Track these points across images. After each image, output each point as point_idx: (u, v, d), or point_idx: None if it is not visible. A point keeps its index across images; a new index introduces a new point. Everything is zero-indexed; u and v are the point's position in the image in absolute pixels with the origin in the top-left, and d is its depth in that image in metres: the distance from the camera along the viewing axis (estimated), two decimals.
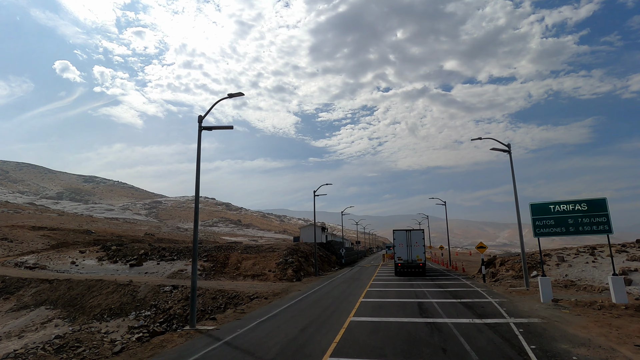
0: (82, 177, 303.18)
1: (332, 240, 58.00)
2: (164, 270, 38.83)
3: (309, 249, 47.55)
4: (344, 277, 36.56)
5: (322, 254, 50.77)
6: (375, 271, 42.81)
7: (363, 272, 42.46)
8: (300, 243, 52.37)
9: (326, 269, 45.93)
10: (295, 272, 35.82)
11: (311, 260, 42.67)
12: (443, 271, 39.80)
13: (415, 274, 34.19)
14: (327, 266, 47.90)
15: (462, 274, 35.09)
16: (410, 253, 34.52)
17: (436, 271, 40.01)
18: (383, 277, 33.66)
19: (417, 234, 35.38)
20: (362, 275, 37.86)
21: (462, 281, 28.31)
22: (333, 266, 50.44)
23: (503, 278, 25.32)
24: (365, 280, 31.16)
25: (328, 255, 52.26)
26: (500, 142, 24.60)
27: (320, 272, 41.66)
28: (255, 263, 38.21)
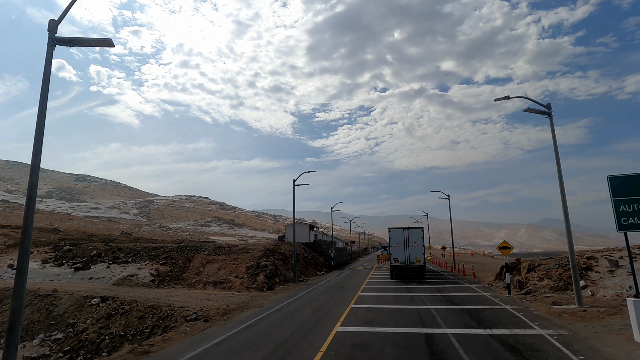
0: (74, 176, 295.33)
1: (320, 240, 51.05)
2: (112, 275, 31.73)
3: (291, 250, 40.52)
4: (328, 284, 29.59)
5: (308, 255, 43.74)
6: (368, 275, 35.86)
7: (353, 276, 35.47)
8: (283, 243, 45.32)
9: (310, 273, 38.89)
10: (268, 279, 28.77)
11: (292, 263, 35.64)
12: (448, 276, 32.87)
13: (413, 277, 30.35)
14: (313, 269, 40.88)
15: (472, 281, 28.17)
16: (408, 254, 30.23)
17: (440, 276, 33.08)
18: (376, 284, 26.75)
19: (416, 232, 30.73)
20: (350, 281, 30.90)
21: (479, 292, 21.38)
22: (320, 269, 43.42)
23: (536, 290, 18.36)
24: (351, 290, 24.17)
25: (315, 257, 45.27)
26: (536, 101, 17.63)
27: (302, 277, 34.60)
28: (222, 267, 31.12)
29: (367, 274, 37.85)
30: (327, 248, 49.99)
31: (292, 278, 31.50)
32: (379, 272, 40.29)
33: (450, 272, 38.30)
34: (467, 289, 23.27)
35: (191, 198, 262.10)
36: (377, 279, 32.12)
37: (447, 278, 31.04)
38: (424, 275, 30.52)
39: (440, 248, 47.18)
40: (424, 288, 24.10)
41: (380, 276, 34.54)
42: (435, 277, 32.68)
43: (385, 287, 25.28)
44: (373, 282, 28.83)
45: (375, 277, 34.10)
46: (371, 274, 37.59)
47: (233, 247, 38.26)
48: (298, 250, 42.64)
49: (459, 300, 18.58)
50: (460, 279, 30.15)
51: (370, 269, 46.03)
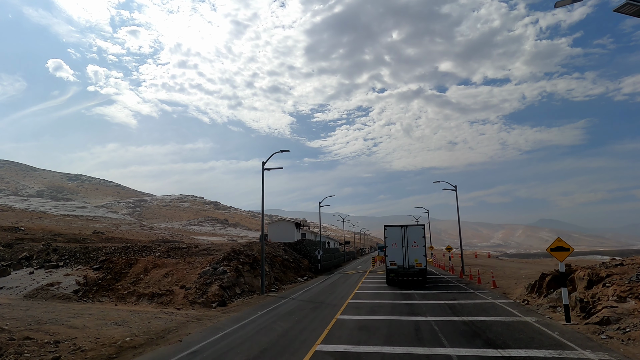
0: (67, 175, 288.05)
1: (306, 240, 43.82)
2: (29, 284, 24.49)
3: (269, 251, 33.30)
4: (305, 295, 22.43)
5: (289, 257, 36.50)
6: (359, 282, 28.71)
7: (340, 284, 28.28)
8: (257, 243, 38.10)
9: (289, 279, 31.66)
10: (225, 290, 21.53)
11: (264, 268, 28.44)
12: (458, 284, 25.69)
13: (412, 283, 25.42)
14: (293, 275, 33.66)
15: (494, 293, 21.01)
16: (406, 256, 25.33)
17: (448, 284, 25.88)
18: (365, 297, 19.57)
19: (416, 230, 25.79)
20: (334, 291, 23.70)
21: (516, 315, 14.20)
22: (304, 274, 36.22)
23: (619, 318, 11.17)
24: (330, 309, 16.93)
25: (297, 260, 38.05)
26: None
27: (275, 285, 27.34)
28: (170, 273, 23.87)
29: (357, 280, 30.72)
30: (313, 249, 42.83)
31: (260, 287, 24.25)
32: (372, 277, 33.15)
33: (459, 278, 31.20)
34: (493, 307, 16.09)
35: (185, 197, 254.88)
36: (368, 287, 24.94)
37: (458, 287, 23.86)
38: (426, 280, 25.35)
39: (445, 249, 40.09)
40: (432, 306, 16.88)
41: (373, 283, 27.36)
42: (442, 285, 25.51)
43: (377, 304, 18.07)
44: (362, 294, 21.64)
45: (368, 284, 26.92)
46: (363, 280, 30.46)
47: (193, 248, 31.02)
48: (277, 252, 35.45)
49: (495, 333, 11.39)
50: (476, 288, 22.97)
51: (363, 273, 38.87)
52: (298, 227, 49.10)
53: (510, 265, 48.55)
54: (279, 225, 47.96)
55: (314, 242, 45.10)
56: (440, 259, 58.45)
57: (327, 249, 53.10)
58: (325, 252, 50.04)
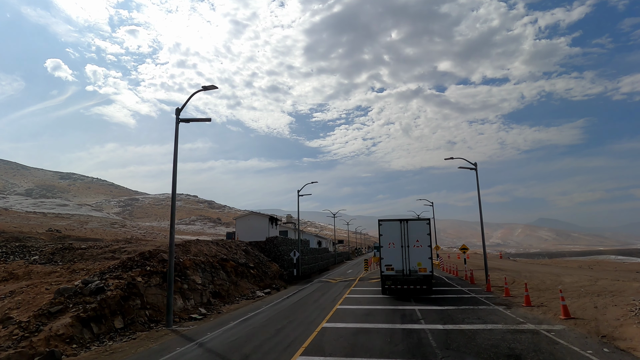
0: (59, 174, 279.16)
1: (279, 237, 33.82)
2: None
3: (215, 253, 23.46)
4: (238, 331, 12.71)
5: (249, 261, 26.69)
6: (341, 296, 18.99)
7: (311, 302, 18.52)
8: (226, 241, 28.36)
9: (241, 294, 21.85)
10: (86, 324, 11.81)
11: (193, 278, 18.58)
12: (486, 300, 15.97)
13: (414, 293, 19.34)
14: (251, 286, 23.87)
15: (575, 327, 11.31)
16: (407, 258, 19.37)
17: (473, 303, 16.15)
18: (341, 335, 9.93)
19: (419, 226, 19.95)
20: (296, 318, 13.94)
21: None
22: (269, 284, 26.48)
23: None
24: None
25: (262, 264, 28.21)
26: None
27: (209, 306, 17.49)
28: (16, 292, 14.16)
29: (340, 293, 21.02)
30: (288, 249, 33.09)
31: (178, 311, 14.37)
32: (362, 287, 23.41)
33: (486, 291, 21.51)
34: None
35: (178, 196, 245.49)
36: (351, 308, 15.19)
37: (487, 307, 14.19)
38: (431, 289, 19.63)
39: (459, 249, 30.26)
40: None
41: (360, 300, 17.64)
42: (460, 300, 15.87)
43: (362, 344, 8.31)
44: (337, 327, 11.86)
45: (353, 300, 17.20)
46: (348, 293, 20.75)
47: (96, 249, 21.25)
48: (230, 254, 25.67)
49: None
50: (533, 319, 13.21)
51: (351, 281, 29.14)
52: (274, 222, 39.35)
53: (537, 270, 38.71)
54: (248, 220, 38.23)
55: (289, 240, 35.25)
56: (447, 260, 48.68)
57: (310, 249, 43.32)
58: (307, 254, 40.26)
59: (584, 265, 61.43)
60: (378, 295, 19.94)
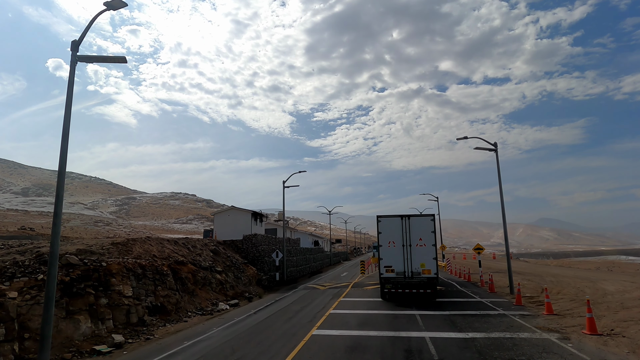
0: (56, 172, 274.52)
1: (257, 236, 28.38)
2: None
3: (168, 254, 18.47)
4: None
5: (216, 264, 21.66)
6: (324, 313, 14.01)
7: (279, 325, 13.55)
8: (190, 240, 23.32)
9: (195, 308, 16.87)
10: None
11: (112, 288, 13.53)
12: (524, 321, 11.07)
13: (416, 299, 17.19)
14: (213, 296, 18.88)
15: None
16: (408, 259, 16.95)
17: (501, 324, 11.21)
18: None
19: (422, 222, 17.45)
20: (248, 353, 9.11)
21: None
22: (241, 291, 21.49)
23: None
24: None
25: (235, 267, 23.14)
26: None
27: (140, 327, 12.51)
28: None
29: (324, 306, 16.06)
30: (270, 249, 28.08)
31: (41, 350, 9.34)
32: (354, 297, 18.41)
33: (501, 298, 16.52)
34: None
35: (176, 195, 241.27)
36: (334, 335, 10.21)
37: (533, 336, 9.24)
38: (436, 293, 17.45)
39: (473, 249, 25.15)
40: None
41: (350, 319, 12.68)
42: (486, 320, 11.03)
43: None
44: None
45: (338, 320, 12.26)
46: (335, 306, 15.77)
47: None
48: (194, 255, 20.65)
49: None
50: (600, 352, 8.27)
51: (344, 287, 24.12)
52: (258, 218, 34.32)
53: (560, 273, 33.61)
54: (228, 216, 33.23)
55: (272, 239, 30.15)
56: (453, 262, 43.58)
57: (301, 249, 38.24)
58: (297, 254, 35.20)
59: (602, 267, 56.10)
60: (373, 311, 14.93)
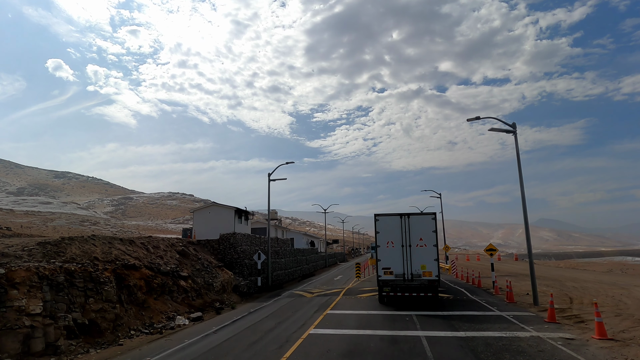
0: (53, 172, 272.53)
1: (236, 235, 24.50)
2: None
3: (117, 255, 14.95)
4: None
5: (181, 268, 18.09)
6: (302, 334, 10.51)
7: (238, 353, 10.13)
8: (153, 239, 19.77)
9: (146, 323, 13.36)
10: None
11: (9, 304, 9.97)
12: (577, 355, 7.67)
13: (418, 302, 16.37)
14: (171, 307, 15.38)
15: None
16: (408, 260, 15.85)
17: (539, 355, 7.79)
18: None
19: (423, 222, 16.26)
20: None
21: None
22: (210, 300, 17.98)
23: None
24: None
25: (206, 271, 19.56)
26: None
27: (55, 348, 9.07)
28: None
29: (304, 323, 12.55)
30: (252, 250, 24.52)
31: None
32: (345, 310, 14.93)
33: (526, 312, 13.08)
34: None
35: (174, 195, 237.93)
36: None
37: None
38: (437, 297, 15.84)
39: (485, 250, 21.57)
40: None
41: (334, 342, 9.23)
42: (517, 348, 7.50)
43: None
44: None
45: (318, 345, 8.84)
46: (317, 323, 12.27)
47: None
48: (153, 258, 17.10)
49: None
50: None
51: (335, 295, 20.60)
52: (242, 215, 30.79)
53: (579, 277, 30.03)
54: (209, 213, 29.69)
55: (255, 239, 26.54)
56: (458, 263, 39.96)
57: (292, 250, 34.64)
58: (286, 255, 31.66)
59: (614, 269, 52.63)
60: (365, 331, 11.41)
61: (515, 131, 17.42)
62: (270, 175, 26.88)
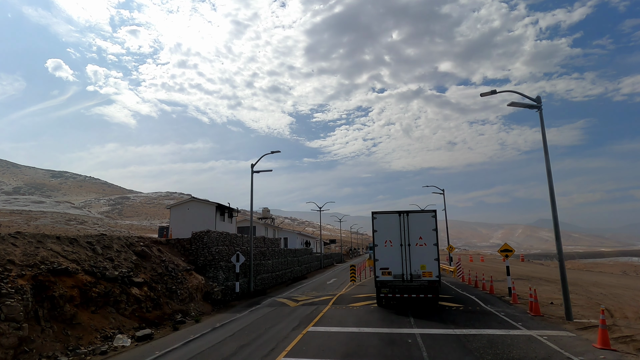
0: (50, 172, 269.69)
1: (210, 233, 21.13)
2: None
3: (32, 258, 11.80)
4: None
5: (138, 272, 14.88)
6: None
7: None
8: (105, 237, 16.65)
9: (69, 346, 10.19)
10: None
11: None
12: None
13: (418, 304, 15.52)
14: (130, 317, 12.19)
15: None
16: (407, 260, 15.07)
17: None
18: None
19: (423, 219, 15.29)
20: None
21: None
22: (178, 310, 14.80)
23: None
24: None
25: (169, 276, 16.41)
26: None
27: None
28: None
29: (274, 348, 9.38)
30: (231, 251, 21.29)
31: None
32: (331, 327, 11.76)
33: (562, 330, 9.91)
34: None
35: (172, 195, 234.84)
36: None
37: None
38: (438, 300, 15.06)
39: (499, 251, 18.38)
40: None
41: None
42: None
43: None
44: None
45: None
46: (295, 345, 9.08)
47: None
48: (98, 260, 13.89)
49: None
50: None
51: (323, 303, 17.40)
52: (226, 212, 27.61)
53: (600, 281, 26.85)
54: (187, 210, 26.51)
55: (236, 238, 23.19)
56: (464, 265, 36.82)
57: (281, 250, 31.39)
58: (274, 256, 28.43)
59: (628, 270, 49.45)
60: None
61: (540, 106, 14.24)
62: (254, 165, 23.67)
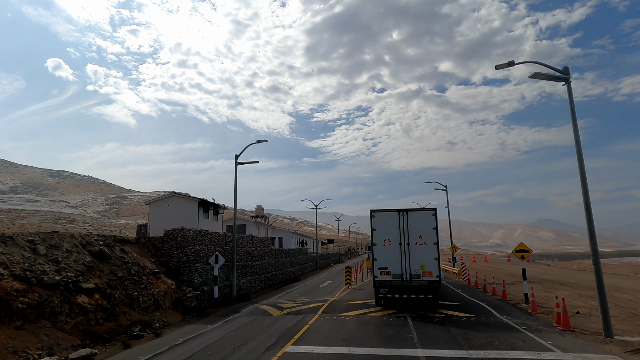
0: (48, 171, 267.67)
1: (185, 232, 18.65)
2: None
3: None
4: None
5: (90, 277, 12.47)
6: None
7: None
8: (63, 234, 14.33)
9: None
10: None
11: None
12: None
13: (417, 305, 15.13)
14: (72, 333, 9.85)
15: None
16: (407, 259, 14.55)
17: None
18: None
19: (422, 218, 14.83)
20: None
21: None
22: (138, 321, 12.44)
23: None
24: None
25: (131, 280, 14.09)
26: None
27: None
28: None
29: None
30: (210, 251, 18.90)
31: None
32: (318, 340, 9.41)
33: (591, 343, 7.50)
34: None
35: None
36: None
37: None
38: (438, 300, 14.54)
39: (514, 251, 16.00)
40: None
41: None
42: None
43: None
44: None
45: None
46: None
47: None
48: (33, 264, 11.48)
49: None
50: None
51: (311, 312, 15.02)
52: (210, 209, 25.25)
53: (621, 285, 24.37)
54: (168, 207, 24.13)
55: (216, 236, 20.71)
56: (468, 266, 34.48)
57: (272, 250, 28.99)
58: (263, 257, 26.03)
59: (639, 272, 47.08)
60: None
61: (568, 78, 11.86)
62: (238, 157, 21.28)
